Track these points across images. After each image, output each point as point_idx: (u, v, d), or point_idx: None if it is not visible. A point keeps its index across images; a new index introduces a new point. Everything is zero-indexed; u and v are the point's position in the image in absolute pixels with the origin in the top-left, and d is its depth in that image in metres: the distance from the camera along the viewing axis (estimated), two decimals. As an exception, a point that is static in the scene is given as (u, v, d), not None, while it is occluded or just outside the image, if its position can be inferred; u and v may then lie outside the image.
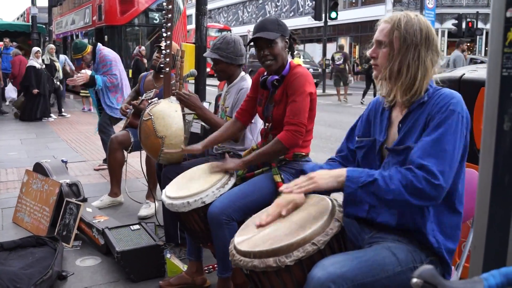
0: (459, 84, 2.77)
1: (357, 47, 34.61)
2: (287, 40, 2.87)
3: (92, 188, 5.55)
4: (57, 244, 3.47)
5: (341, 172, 1.89)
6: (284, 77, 2.85)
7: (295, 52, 3.32)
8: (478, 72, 2.84)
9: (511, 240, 1.17)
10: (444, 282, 1.03)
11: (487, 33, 28.34)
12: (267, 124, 2.98)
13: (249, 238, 1.92)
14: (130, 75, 13.52)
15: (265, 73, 2.95)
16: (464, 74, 2.79)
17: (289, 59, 2.93)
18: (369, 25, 33.22)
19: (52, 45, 13.76)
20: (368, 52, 2.05)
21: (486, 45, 29.99)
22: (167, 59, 3.46)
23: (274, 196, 2.76)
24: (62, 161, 4.92)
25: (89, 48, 6.26)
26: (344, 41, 35.09)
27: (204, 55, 3.46)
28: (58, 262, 3.22)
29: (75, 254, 3.65)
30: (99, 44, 6.37)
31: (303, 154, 2.91)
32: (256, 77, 3.05)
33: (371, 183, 1.80)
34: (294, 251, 1.71)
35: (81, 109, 14.51)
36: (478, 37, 27.97)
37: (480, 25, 26.91)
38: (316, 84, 21.53)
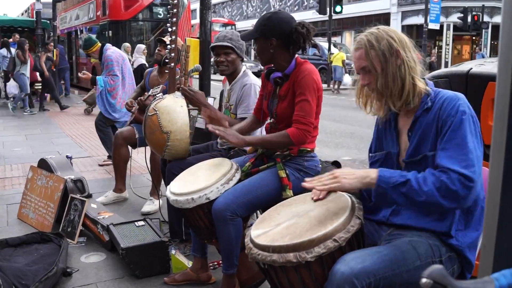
0: (466, 78, 2.74)
1: (362, 41, 34.41)
2: (276, 39, 2.78)
3: (96, 183, 5.55)
4: (62, 240, 3.46)
5: (368, 173, 1.86)
6: (288, 75, 2.83)
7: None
8: (486, 66, 2.81)
9: (522, 238, 1.14)
10: (454, 282, 1.01)
11: (493, 26, 28.18)
12: (272, 119, 2.96)
13: (266, 232, 1.90)
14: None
15: (272, 66, 2.94)
16: (471, 68, 2.76)
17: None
18: (374, 19, 33.03)
19: (127, 44, 13.62)
20: (360, 83, 2.04)
21: (492, 39, 29.83)
22: (172, 54, 3.44)
23: (279, 192, 2.75)
24: (67, 156, 4.91)
25: (97, 46, 6.29)
26: (348, 35, 34.97)
27: (217, 43, 3.40)
28: (63, 259, 3.21)
29: (80, 251, 3.65)
30: (107, 44, 6.39)
31: (309, 149, 2.89)
32: (263, 74, 3.02)
33: (403, 184, 1.79)
34: (315, 247, 1.70)
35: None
36: (483, 30, 27.78)
37: (486, 18, 26.75)
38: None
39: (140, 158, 6.52)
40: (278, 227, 1.90)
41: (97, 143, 8.24)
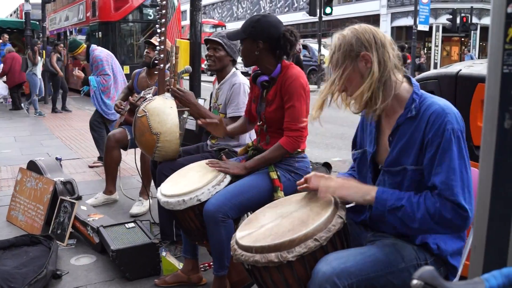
0: (456, 80, 2.76)
1: (352, 42, 34.54)
2: (263, 42, 2.78)
3: (86, 185, 5.52)
4: (51, 242, 3.44)
5: (369, 191, 1.84)
6: (275, 79, 2.84)
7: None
8: (475, 68, 2.83)
9: (512, 239, 1.15)
10: (445, 283, 1.01)
11: (481, 28, 28.40)
12: (261, 121, 2.96)
13: (250, 233, 1.91)
14: (128, 71, 13.44)
15: (258, 70, 2.94)
16: (461, 70, 2.78)
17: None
18: (364, 20, 32.96)
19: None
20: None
21: (480, 40, 30.06)
22: (162, 55, 3.43)
23: (271, 193, 2.75)
24: (57, 158, 4.89)
25: (83, 47, 6.29)
26: (338, 37, 35.02)
27: (208, 37, 3.45)
28: (52, 261, 3.19)
29: (70, 253, 3.62)
30: (93, 45, 6.38)
31: (299, 150, 2.89)
32: (251, 77, 3.03)
33: (398, 209, 1.77)
34: (296, 246, 1.71)
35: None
36: (472, 32, 27.98)
37: (475, 20, 26.96)
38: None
39: (129, 160, 6.47)
40: (262, 228, 1.92)
41: (87, 144, 8.22)
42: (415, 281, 1.02)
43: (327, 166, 3.20)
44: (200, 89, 5.84)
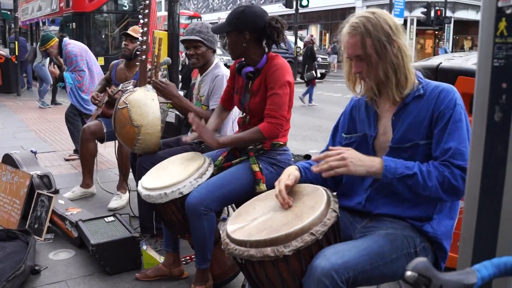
0: (436, 72, 2.79)
1: (327, 35, 34.73)
2: (249, 33, 2.76)
3: (63, 179, 5.42)
4: (29, 237, 3.37)
5: (374, 163, 1.86)
6: (260, 70, 2.82)
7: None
8: (455, 60, 2.86)
9: (501, 231, 1.16)
10: (438, 274, 1.02)
11: (455, 21, 28.79)
12: (244, 113, 2.95)
13: (242, 227, 1.88)
14: (103, 63, 13.24)
15: (243, 60, 2.92)
16: (441, 63, 2.80)
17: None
18: (340, 13, 33.37)
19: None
20: (353, 71, 2.00)
21: (454, 33, 30.47)
22: (144, 47, 3.38)
23: (253, 186, 2.75)
24: (32, 151, 4.79)
25: (54, 41, 6.21)
26: (314, 29, 35.18)
27: (186, 37, 3.40)
28: (30, 256, 3.13)
29: (48, 248, 3.56)
30: (65, 39, 6.26)
31: (281, 143, 2.89)
32: (233, 67, 3.01)
33: (409, 177, 1.81)
34: (292, 240, 1.69)
35: None
36: (446, 25, 28.36)
37: (448, 13, 27.33)
38: (324, 75, 21.29)
39: (107, 153, 6.42)
40: (254, 222, 1.90)
41: (62, 137, 8.09)
42: (409, 273, 1.02)
43: (308, 159, 3.21)
44: (178, 81, 5.79)
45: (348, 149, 1.89)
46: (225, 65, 3.65)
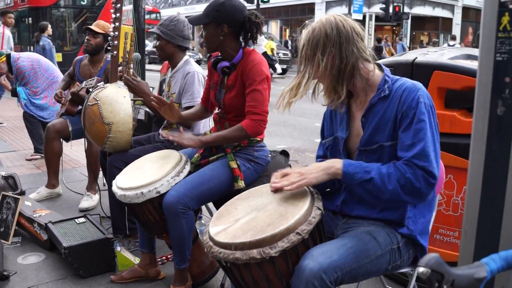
0: (412, 67, 2.80)
1: (287, 30, 34.86)
2: (228, 26, 2.71)
3: (25, 179, 5.21)
4: (-5, 241, 3.24)
5: (333, 164, 1.86)
6: (236, 65, 2.77)
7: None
8: (430, 55, 2.88)
9: (504, 225, 1.16)
10: (450, 269, 1.02)
11: (412, 17, 29.34)
12: (220, 109, 2.90)
13: (225, 228, 1.82)
14: (61, 59, 12.89)
15: (219, 55, 2.86)
16: (416, 58, 2.82)
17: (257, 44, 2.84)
18: (300, 8, 33.58)
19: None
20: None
21: (411, 29, 31.06)
22: (115, 42, 3.29)
23: (231, 183, 2.71)
24: (-7, 152, 4.62)
25: (2, 59, 5.99)
26: (274, 25, 35.24)
27: (150, 30, 3.36)
28: (-2, 261, 3.00)
29: (16, 251, 3.42)
30: (13, 54, 6.06)
31: (258, 139, 2.86)
32: (209, 63, 2.95)
33: (367, 181, 1.80)
34: (278, 241, 1.65)
35: None
36: (404, 21, 28.87)
37: (406, 9, 27.79)
38: (285, 71, 21.17)
39: (71, 152, 6.24)
40: (237, 223, 1.84)
41: (22, 136, 7.82)
42: (421, 269, 1.01)
43: (284, 154, 3.18)
44: (145, 77, 5.67)
45: (307, 166, 1.91)
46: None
